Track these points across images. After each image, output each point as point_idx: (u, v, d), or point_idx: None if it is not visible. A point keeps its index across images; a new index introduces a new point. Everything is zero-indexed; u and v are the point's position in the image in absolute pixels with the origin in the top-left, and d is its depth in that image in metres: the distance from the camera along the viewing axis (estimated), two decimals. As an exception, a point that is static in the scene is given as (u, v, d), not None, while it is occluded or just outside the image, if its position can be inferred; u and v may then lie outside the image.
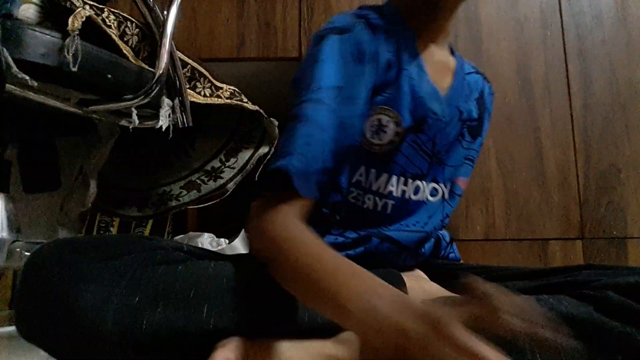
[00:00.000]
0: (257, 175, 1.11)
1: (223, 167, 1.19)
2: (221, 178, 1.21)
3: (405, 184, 0.63)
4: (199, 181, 1.21)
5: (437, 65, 0.65)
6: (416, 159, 0.63)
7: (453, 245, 0.81)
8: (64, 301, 0.44)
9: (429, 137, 0.63)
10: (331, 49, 0.57)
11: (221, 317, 0.46)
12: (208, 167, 1.20)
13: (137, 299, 0.44)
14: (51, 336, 0.46)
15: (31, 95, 0.70)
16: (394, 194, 0.62)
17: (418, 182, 0.64)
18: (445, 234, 0.74)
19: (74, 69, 0.66)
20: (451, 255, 0.78)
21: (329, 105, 0.54)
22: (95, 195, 1.05)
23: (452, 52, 0.72)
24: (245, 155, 1.19)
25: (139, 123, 0.80)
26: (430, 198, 0.65)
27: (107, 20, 0.76)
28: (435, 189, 0.66)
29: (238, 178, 1.20)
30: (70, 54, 0.66)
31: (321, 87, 0.55)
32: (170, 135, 0.83)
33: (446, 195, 0.67)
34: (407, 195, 0.63)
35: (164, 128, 0.82)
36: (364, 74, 0.58)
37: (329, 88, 0.55)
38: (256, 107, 1.03)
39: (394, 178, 0.62)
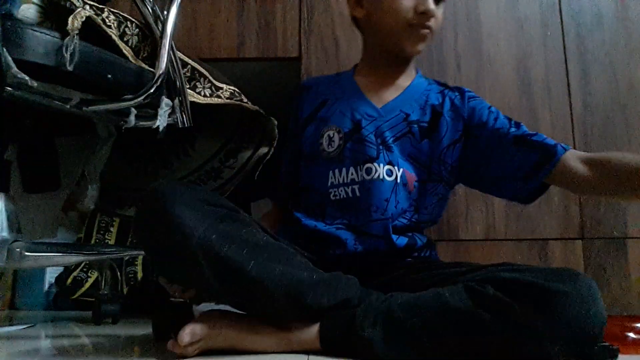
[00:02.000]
0: (256, 176, 1.10)
1: (222, 167, 1.19)
2: (221, 178, 1.21)
3: (361, 169, 0.85)
4: (198, 181, 1.21)
5: (376, 90, 0.93)
6: (364, 149, 0.86)
7: (432, 249, 0.92)
8: (168, 216, 0.62)
9: (369, 131, 0.87)
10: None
11: (266, 269, 0.64)
12: (208, 167, 1.20)
13: (214, 236, 0.63)
14: (154, 240, 0.65)
15: (30, 96, 0.70)
16: (356, 179, 0.85)
17: (369, 165, 0.85)
18: (421, 237, 0.88)
19: (70, 68, 0.66)
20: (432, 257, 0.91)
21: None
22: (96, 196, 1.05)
23: (415, 78, 0.96)
24: (244, 155, 1.19)
25: (138, 123, 0.80)
26: (387, 177, 0.85)
27: (107, 20, 0.76)
28: (390, 170, 0.85)
29: (237, 178, 1.20)
30: (68, 54, 0.66)
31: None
32: (166, 135, 0.83)
33: (399, 179, 0.85)
34: (362, 177, 0.85)
35: (160, 128, 0.82)
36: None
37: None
38: (256, 107, 1.03)
39: (351, 169, 0.85)
